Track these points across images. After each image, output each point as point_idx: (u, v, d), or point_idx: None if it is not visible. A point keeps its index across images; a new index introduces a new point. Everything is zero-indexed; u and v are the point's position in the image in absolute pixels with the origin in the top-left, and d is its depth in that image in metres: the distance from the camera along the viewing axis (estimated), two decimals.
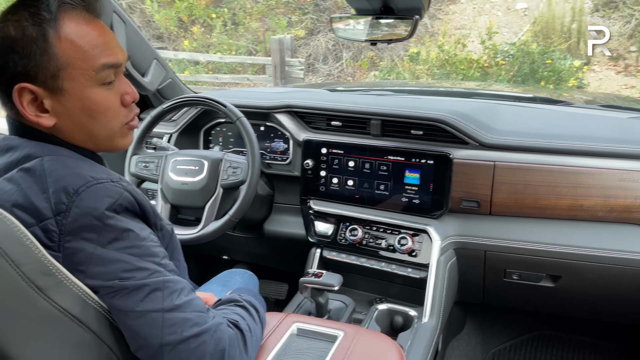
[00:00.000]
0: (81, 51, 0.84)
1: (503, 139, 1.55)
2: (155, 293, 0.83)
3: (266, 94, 1.92)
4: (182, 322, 0.84)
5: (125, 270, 0.82)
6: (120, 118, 0.93)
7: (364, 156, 1.67)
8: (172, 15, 8.53)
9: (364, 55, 8.02)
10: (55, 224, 0.79)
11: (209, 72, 8.26)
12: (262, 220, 1.91)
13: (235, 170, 1.57)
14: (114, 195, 0.83)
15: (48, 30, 0.82)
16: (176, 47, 8.95)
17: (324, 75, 8.25)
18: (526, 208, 1.53)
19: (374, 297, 1.73)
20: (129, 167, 1.65)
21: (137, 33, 1.76)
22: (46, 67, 0.82)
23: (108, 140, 0.93)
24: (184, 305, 0.85)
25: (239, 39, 8.54)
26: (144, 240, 0.85)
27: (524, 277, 1.62)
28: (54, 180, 0.81)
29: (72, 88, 0.85)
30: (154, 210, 0.93)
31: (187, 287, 0.88)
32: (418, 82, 5.18)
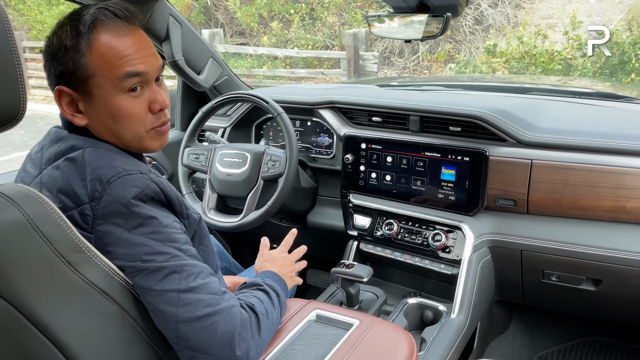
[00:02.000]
0: (108, 62, 0.93)
1: (541, 136, 1.51)
2: (173, 275, 0.91)
3: (313, 90, 1.99)
4: (196, 302, 0.91)
5: (147, 253, 0.91)
6: (146, 124, 0.99)
7: (402, 152, 1.70)
8: (253, 12, 8.82)
9: (441, 48, 7.85)
10: (90, 209, 0.91)
11: (287, 66, 8.47)
12: (306, 212, 1.99)
13: (275, 163, 1.66)
14: (141, 185, 0.92)
15: (81, 42, 0.93)
16: (256, 43, 9.26)
17: (399, 69, 8.18)
18: (565, 208, 1.49)
19: (408, 290, 1.76)
20: (182, 158, 1.79)
21: (193, 34, 1.89)
22: (78, 74, 0.94)
23: (135, 142, 1.01)
24: (199, 287, 0.92)
25: (316, 34, 8.67)
26: (166, 227, 0.94)
27: (563, 279, 1.57)
28: (91, 170, 0.93)
29: (99, 94, 0.94)
30: (180, 200, 1.02)
31: (204, 271, 0.95)
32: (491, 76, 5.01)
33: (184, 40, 1.83)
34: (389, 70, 8.21)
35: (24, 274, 0.81)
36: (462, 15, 1.69)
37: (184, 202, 1.04)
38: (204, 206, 1.73)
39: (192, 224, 1.07)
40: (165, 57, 1.77)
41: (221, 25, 9.64)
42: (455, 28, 7.96)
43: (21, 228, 0.81)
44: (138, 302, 0.96)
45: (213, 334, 0.92)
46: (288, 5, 8.69)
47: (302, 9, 8.61)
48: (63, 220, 0.88)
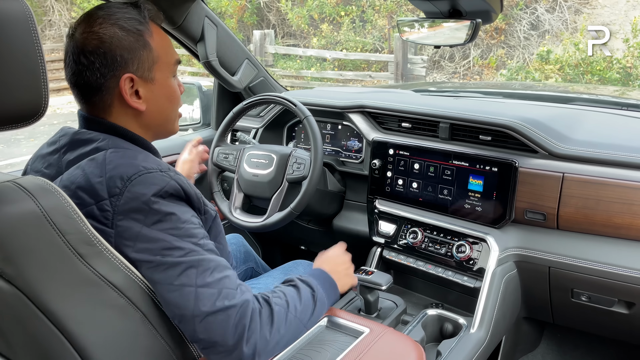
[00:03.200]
0: (165, 49, 1.06)
1: (575, 149, 1.44)
2: (190, 270, 0.94)
3: (344, 93, 1.98)
4: (211, 296, 0.93)
5: (165, 248, 0.94)
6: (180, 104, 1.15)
7: (429, 159, 1.66)
8: (304, 14, 8.89)
9: (493, 54, 7.65)
10: (110, 205, 0.94)
11: (335, 68, 8.49)
12: (333, 215, 1.98)
13: (300, 166, 1.66)
14: (160, 183, 0.96)
15: (144, 31, 1.03)
16: (306, 44, 9.33)
17: (449, 74, 8.03)
18: (597, 225, 1.41)
19: (430, 301, 1.72)
20: (212, 157, 1.82)
21: (228, 35, 1.93)
22: (145, 60, 1.03)
23: (173, 122, 1.14)
24: (216, 281, 0.95)
25: (365, 37, 8.65)
26: (184, 223, 0.97)
27: (594, 300, 1.49)
28: (112, 168, 0.96)
29: (160, 78, 1.06)
30: (198, 197, 1.05)
31: (221, 265, 0.98)
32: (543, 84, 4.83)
33: (219, 41, 1.86)
34: (438, 75, 8.08)
35: (35, 263, 0.85)
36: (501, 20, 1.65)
37: (202, 198, 1.07)
38: (230, 205, 1.76)
39: (208, 219, 1.10)
40: (199, 57, 1.81)
41: (273, 27, 9.77)
42: (510, 33, 7.74)
43: (35, 219, 0.85)
44: (147, 297, 0.98)
45: (227, 327, 0.93)
46: (339, 7, 8.70)
47: (353, 12, 8.61)
48: (77, 214, 0.91)
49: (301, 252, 2.38)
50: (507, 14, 7.57)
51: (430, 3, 1.46)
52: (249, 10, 9.83)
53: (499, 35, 7.68)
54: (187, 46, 1.84)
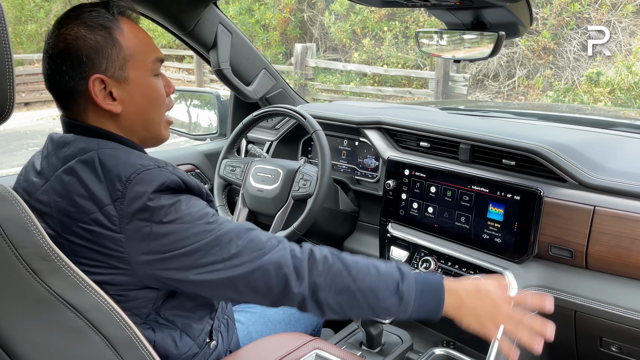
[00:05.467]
0: (140, 45, 0.99)
1: (609, 179, 1.28)
2: (213, 249, 0.92)
3: (363, 108, 1.88)
4: (243, 263, 0.92)
5: (182, 239, 0.91)
6: (165, 106, 1.06)
7: (447, 183, 1.53)
8: (347, 28, 8.86)
9: (540, 74, 7.37)
10: (115, 209, 0.89)
11: (375, 84, 8.39)
12: (345, 237, 1.87)
13: (306, 182, 1.56)
14: (160, 178, 0.92)
15: (113, 28, 0.96)
16: (347, 59, 9.28)
17: (492, 93, 7.79)
18: (631, 268, 1.24)
19: (441, 338, 1.58)
20: (219, 169, 1.75)
21: (245, 43, 1.86)
22: (115, 59, 0.96)
23: (158, 127, 1.06)
24: (242, 250, 0.93)
25: (408, 53, 8.51)
26: (190, 208, 0.93)
27: (625, 352, 1.31)
28: (108, 170, 0.92)
29: (136, 77, 0.98)
30: (200, 188, 1.01)
31: (241, 231, 0.95)
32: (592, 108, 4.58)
33: (234, 50, 1.80)
34: (481, 94, 7.85)
35: None
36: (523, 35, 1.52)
37: (206, 190, 1.03)
38: (234, 220, 1.67)
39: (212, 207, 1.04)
40: (210, 64, 1.75)
41: (315, 40, 9.78)
42: (559, 53, 7.44)
43: None
44: (112, 318, 0.90)
45: (269, 281, 0.93)
46: (382, 22, 8.62)
47: (396, 27, 8.50)
48: (35, 226, 0.84)
49: None
50: (557, 33, 7.29)
51: (451, 14, 1.35)
52: (292, 23, 9.89)
53: (547, 56, 7.40)
54: (199, 53, 1.78)
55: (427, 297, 0.96)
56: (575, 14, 7.11)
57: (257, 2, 9.98)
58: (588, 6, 7.05)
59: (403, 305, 0.95)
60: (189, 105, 2.36)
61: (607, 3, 7.02)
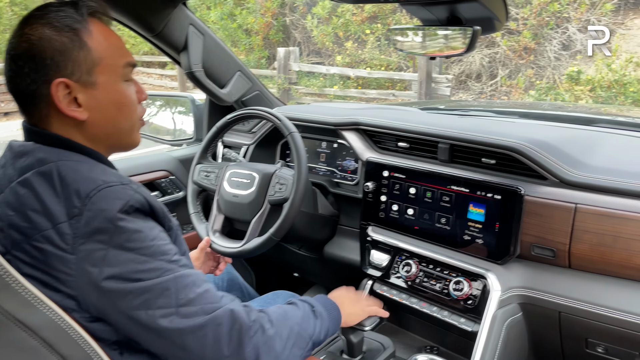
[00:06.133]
0: (110, 49, 0.93)
1: (590, 176, 1.25)
2: (167, 291, 0.86)
3: (341, 109, 1.83)
4: (195, 314, 0.87)
5: (137, 271, 0.85)
6: (137, 112, 1.01)
7: (426, 183, 1.49)
8: (329, 31, 8.84)
9: (522, 74, 7.41)
10: (69, 227, 0.83)
11: (359, 87, 8.37)
12: (325, 241, 1.82)
13: (282, 186, 1.51)
14: (124, 197, 0.86)
15: (81, 29, 0.90)
16: (331, 62, 9.26)
17: (475, 94, 7.81)
18: (615, 266, 1.21)
19: (425, 344, 1.54)
20: (192, 175, 1.69)
21: (218, 45, 1.81)
22: (82, 62, 0.90)
23: (129, 132, 1.00)
24: (197, 297, 0.88)
25: (390, 55, 8.51)
26: (154, 240, 0.88)
27: (612, 353, 1.28)
28: (67, 184, 0.85)
29: (104, 82, 0.93)
30: (164, 211, 0.95)
31: (198, 279, 0.91)
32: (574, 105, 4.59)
33: (206, 51, 1.75)
34: (464, 95, 7.87)
35: None
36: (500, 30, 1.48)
37: (167, 212, 0.96)
38: (208, 227, 1.62)
39: (172, 236, 0.98)
40: (182, 67, 1.70)
41: (298, 44, 9.75)
42: (539, 53, 7.49)
43: None
44: (68, 336, 0.85)
45: (219, 338, 0.89)
46: (364, 25, 8.61)
47: (379, 30, 8.50)
48: None
49: (295, 280, 2.22)
50: (537, 33, 7.34)
51: (426, 10, 1.31)
52: (274, 27, 9.85)
53: (528, 55, 7.44)
54: (170, 55, 1.73)
55: (331, 309, 1.15)
56: (554, 14, 7.16)
57: (239, 7, 9.93)
58: (567, 5, 7.11)
59: (324, 324, 1.10)
60: (164, 110, 2.30)
61: (586, 2, 7.09)
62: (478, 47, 7.90)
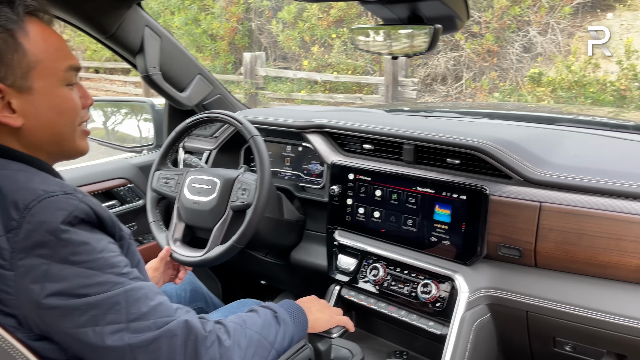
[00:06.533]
0: (49, 51, 0.87)
1: (554, 174, 1.25)
2: (117, 306, 0.81)
3: (305, 112, 1.80)
4: (148, 328, 0.83)
5: (83, 286, 0.79)
6: (80, 118, 0.95)
7: (392, 185, 1.47)
8: (295, 36, 8.80)
9: (486, 76, 7.53)
10: (7, 242, 0.78)
11: (326, 91, 8.36)
12: (292, 247, 1.78)
13: (245, 192, 1.47)
14: (68, 207, 0.80)
15: (16, 30, 0.84)
16: (298, 67, 9.22)
17: (441, 96, 7.90)
18: (580, 264, 1.21)
19: (395, 349, 1.51)
20: (151, 182, 1.63)
21: (176, 48, 1.75)
22: (17, 65, 0.84)
23: (71, 139, 0.94)
24: (149, 311, 0.84)
25: (357, 59, 8.54)
26: (101, 252, 0.82)
27: (580, 351, 1.28)
28: (4, 196, 0.80)
29: (42, 87, 0.87)
30: (113, 221, 0.89)
31: (152, 290, 0.87)
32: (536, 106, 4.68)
33: (164, 54, 1.69)
34: (430, 98, 7.95)
35: None
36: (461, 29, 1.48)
37: (118, 222, 0.91)
38: (168, 236, 1.55)
39: (124, 246, 0.93)
40: (138, 70, 1.63)
41: (264, 49, 9.69)
42: (502, 55, 7.63)
43: None
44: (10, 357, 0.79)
45: (174, 351, 0.84)
46: (330, 29, 8.61)
47: (344, 34, 8.51)
48: None
49: (263, 288, 2.17)
50: (500, 36, 7.48)
51: (387, 9, 1.29)
52: (240, 32, 9.76)
53: (492, 58, 7.57)
54: (125, 58, 1.66)
55: (296, 314, 1.12)
56: (515, 17, 7.31)
57: (203, 12, 9.80)
58: (527, 9, 7.27)
59: (288, 330, 1.06)
60: (123, 117, 2.23)
61: (545, 5, 7.26)
62: (443, 49, 8.01)
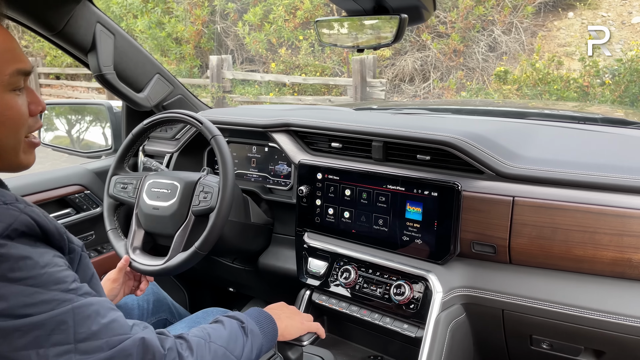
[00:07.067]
0: None
1: (526, 168, 1.21)
2: (64, 325, 0.74)
3: (270, 111, 1.73)
4: (100, 347, 0.76)
5: (24, 305, 0.72)
6: (27, 128, 0.86)
7: (361, 184, 1.42)
8: (262, 38, 8.71)
9: (453, 76, 7.60)
10: None
11: (295, 93, 8.30)
12: (260, 252, 1.71)
13: (207, 195, 1.39)
14: (6, 219, 0.73)
15: None
16: (266, 69, 9.14)
17: (409, 97, 7.94)
18: (555, 259, 1.18)
19: (369, 353, 1.45)
20: (108, 188, 1.53)
21: (132, 45, 1.66)
22: None
23: (13, 152, 0.85)
24: (100, 330, 0.77)
25: (325, 61, 8.51)
26: (45, 267, 0.75)
27: (557, 348, 1.25)
28: None
29: None
30: (60, 232, 0.81)
31: (104, 306, 0.80)
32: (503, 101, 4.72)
33: (119, 52, 1.60)
34: (398, 98, 7.98)
35: None
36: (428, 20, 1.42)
37: (67, 234, 0.83)
38: (127, 244, 1.46)
39: (74, 260, 0.85)
40: (90, 69, 1.54)
41: (231, 52, 9.56)
42: (468, 55, 7.72)
43: None
44: None
45: None
46: (297, 31, 8.56)
47: (312, 36, 8.46)
48: None
49: (231, 295, 2.09)
50: (465, 36, 7.56)
51: (351, 0, 1.24)
52: (205, 35, 9.61)
53: (458, 58, 7.64)
54: (76, 57, 1.56)
55: (265, 324, 1.08)
56: (480, 17, 7.40)
57: (167, 15, 9.62)
58: (491, 9, 7.36)
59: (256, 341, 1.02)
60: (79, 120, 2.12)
61: (509, 5, 7.37)
62: (410, 50, 8.06)
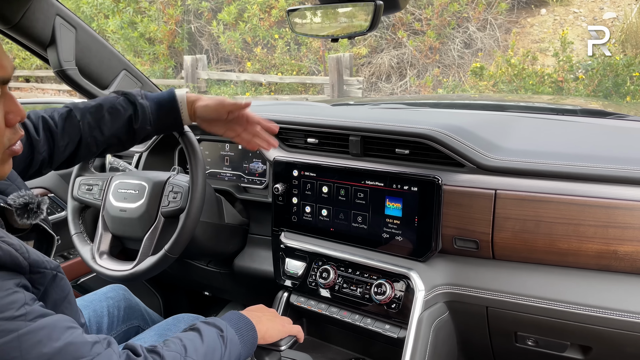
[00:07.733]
0: None
1: (508, 159, 1.18)
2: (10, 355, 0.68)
3: None
4: None
5: None
6: (4, 140, 0.80)
7: (339, 180, 1.36)
8: (237, 37, 8.61)
9: (429, 73, 7.62)
10: None
11: (271, 93, 8.22)
12: (235, 254, 1.65)
13: (177, 195, 1.33)
14: None
15: None
16: (241, 69, 9.04)
17: (386, 94, 7.93)
18: (539, 252, 1.14)
19: (350, 356, 1.40)
20: (72, 190, 1.45)
21: (95, 40, 1.57)
22: None
23: None
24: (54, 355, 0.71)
25: (301, 60, 8.45)
26: None
27: (542, 345, 1.22)
28: None
29: None
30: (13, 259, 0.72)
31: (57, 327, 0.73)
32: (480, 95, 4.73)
33: (81, 47, 1.51)
34: (375, 96, 7.96)
35: None
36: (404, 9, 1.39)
37: (27, 250, 0.74)
38: (93, 249, 1.39)
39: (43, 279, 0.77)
40: (50, 65, 1.45)
41: (206, 52, 9.43)
42: (444, 52, 7.74)
43: None
44: None
45: None
46: (273, 30, 8.48)
47: (287, 34, 8.40)
48: None
49: (208, 300, 2.02)
50: (441, 33, 7.58)
51: None
52: (179, 35, 9.46)
53: (434, 55, 7.66)
54: (34, 51, 1.48)
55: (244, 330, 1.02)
56: (455, 14, 7.43)
57: (140, 15, 9.44)
58: (466, 5, 7.40)
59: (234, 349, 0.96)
60: None
61: (483, 2, 7.42)
62: (386, 48, 8.05)
